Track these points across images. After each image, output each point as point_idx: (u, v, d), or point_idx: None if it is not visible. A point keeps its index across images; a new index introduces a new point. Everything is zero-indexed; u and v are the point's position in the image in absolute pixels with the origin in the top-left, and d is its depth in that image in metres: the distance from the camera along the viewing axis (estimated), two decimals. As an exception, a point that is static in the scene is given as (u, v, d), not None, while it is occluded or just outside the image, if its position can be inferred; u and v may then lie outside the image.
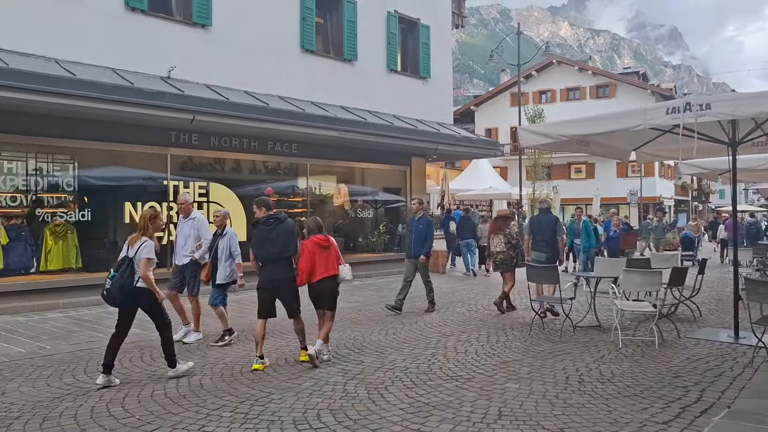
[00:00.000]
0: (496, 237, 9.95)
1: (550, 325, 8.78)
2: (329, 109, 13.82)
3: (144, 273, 5.69)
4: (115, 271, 5.72)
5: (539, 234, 9.70)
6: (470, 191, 31.48)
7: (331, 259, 6.60)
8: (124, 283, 5.63)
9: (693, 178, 54.18)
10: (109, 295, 5.69)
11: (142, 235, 5.87)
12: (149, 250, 5.78)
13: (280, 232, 6.47)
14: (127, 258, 5.76)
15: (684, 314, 9.59)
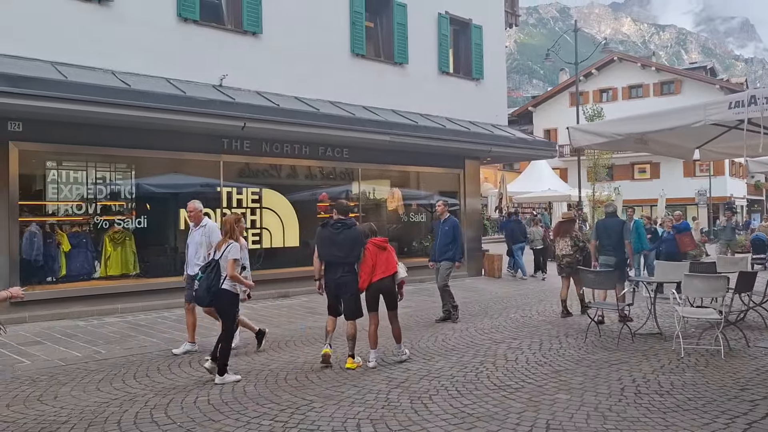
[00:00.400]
0: (562, 240, 9.85)
1: (607, 332, 8.40)
2: (380, 113, 13.75)
3: (231, 273, 6.08)
4: (202, 273, 6.14)
5: (606, 238, 9.48)
6: (528, 193, 30.91)
7: (390, 259, 6.85)
8: (210, 284, 6.01)
9: (767, 176, 51.49)
10: (198, 295, 6.17)
11: (229, 239, 6.25)
12: (235, 251, 6.17)
13: (347, 237, 6.70)
14: (214, 260, 6.16)
15: (754, 322, 9.02)
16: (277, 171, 13.13)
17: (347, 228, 6.77)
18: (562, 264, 9.84)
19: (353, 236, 6.75)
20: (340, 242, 6.68)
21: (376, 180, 15.24)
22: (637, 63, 46.59)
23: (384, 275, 6.77)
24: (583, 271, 7.91)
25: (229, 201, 12.11)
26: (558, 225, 10.25)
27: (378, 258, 6.78)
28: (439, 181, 16.58)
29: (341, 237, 6.69)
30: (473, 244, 16.51)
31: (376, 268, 6.76)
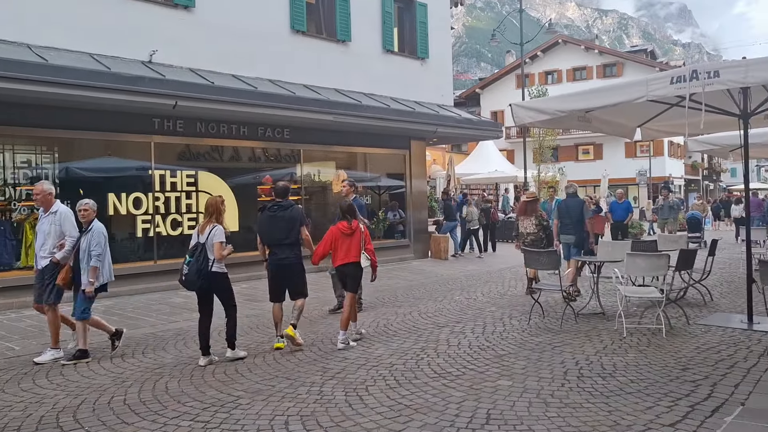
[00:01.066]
0: (527, 219, 9.98)
1: (551, 313, 8.28)
2: (322, 92, 13.30)
3: (219, 255, 6.04)
4: (190, 257, 6.04)
5: (567, 217, 9.92)
6: (475, 175, 30.95)
7: (353, 246, 6.79)
8: (200, 268, 5.96)
9: (703, 157, 53.26)
10: (187, 279, 6.01)
11: (213, 221, 6.19)
12: (221, 233, 6.11)
13: (284, 219, 6.73)
14: (199, 244, 6.07)
15: (694, 299, 9.07)
16: (214, 153, 12.54)
17: (284, 209, 6.78)
18: (527, 242, 9.88)
19: (290, 217, 6.75)
20: (278, 224, 6.71)
21: (320, 162, 14.82)
22: (581, 46, 47.23)
23: (344, 261, 6.79)
24: (527, 251, 7.74)
25: (162, 185, 11.48)
26: (523, 204, 10.40)
27: (340, 243, 6.78)
28: (385, 162, 16.28)
29: (279, 219, 6.73)
30: (419, 226, 16.31)
31: (337, 252, 6.79)
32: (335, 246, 6.83)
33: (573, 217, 9.88)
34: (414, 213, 16.17)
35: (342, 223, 6.87)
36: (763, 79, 5.92)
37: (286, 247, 6.72)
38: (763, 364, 5.73)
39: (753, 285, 7.52)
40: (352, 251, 6.81)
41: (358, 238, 6.86)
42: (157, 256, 11.32)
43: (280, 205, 6.83)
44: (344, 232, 6.82)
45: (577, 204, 10.01)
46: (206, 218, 6.30)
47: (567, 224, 9.93)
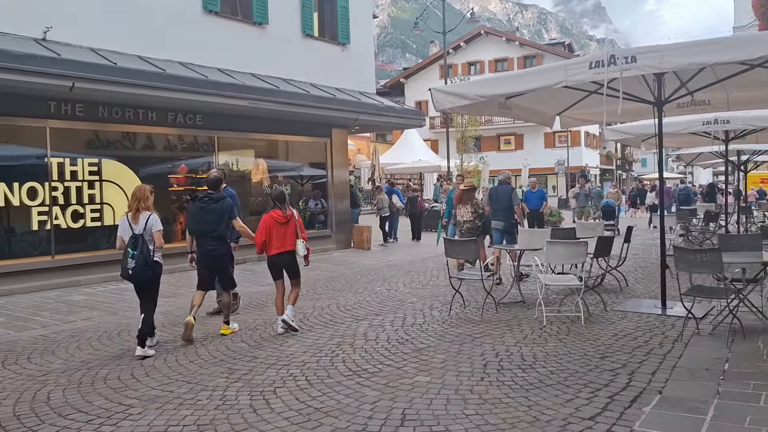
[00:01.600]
0: (464, 207, 10.12)
1: (472, 303, 8.13)
2: (237, 77, 12.66)
3: (160, 244, 6.06)
4: (133, 249, 5.93)
5: (497, 204, 10.20)
6: (399, 164, 30.89)
7: (288, 234, 6.73)
8: (147, 258, 5.93)
9: (617, 147, 55.47)
10: (135, 271, 5.93)
11: (144, 210, 6.09)
12: (158, 222, 6.10)
13: (213, 211, 6.69)
14: (137, 235, 5.97)
15: (611, 285, 9.17)
16: (119, 140, 11.69)
17: (214, 202, 6.74)
18: (463, 230, 10.06)
19: (221, 209, 6.72)
20: (208, 216, 6.69)
21: (239, 150, 14.19)
22: (503, 37, 48.07)
23: (280, 250, 6.72)
24: (447, 240, 7.54)
25: (60, 174, 10.58)
26: (460, 193, 10.53)
27: (275, 232, 6.71)
28: (306, 150, 15.81)
29: (209, 210, 6.69)
30: (342, 216, 15.96)
31: (272, 241, 6.72)
32: (270, 235, 6.71)
33: (502, 204, 10.08)
34: (336, 203, 15.80)
35: (276, 212, 6.75)
36: (678, 64, 5.90)
37: (214, 239, 6.70)
38: (678, 349, 5.74)
39: (666, 271, 7.63)
40: (288, 240, 6.74)
41: (293, 226, 6.78)
42: (55, 250, 10.44)
43: (210, 197, 6.76)
44: (278, 220, 6.72)
45: (506, 191, 10.19)
46: (134, 207, 6.12)
47: (497, 210, 10.17)
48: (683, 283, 7.13)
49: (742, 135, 12.98)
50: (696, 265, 5.99)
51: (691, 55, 5.80)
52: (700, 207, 17.23)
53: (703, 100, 9.26)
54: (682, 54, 5.80)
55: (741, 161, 16.25)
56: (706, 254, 5.86)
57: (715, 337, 6.11)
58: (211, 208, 6.69)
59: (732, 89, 8.65)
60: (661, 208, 7.96)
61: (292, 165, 15.68)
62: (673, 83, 7.96)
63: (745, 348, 5.70)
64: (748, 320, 6.39)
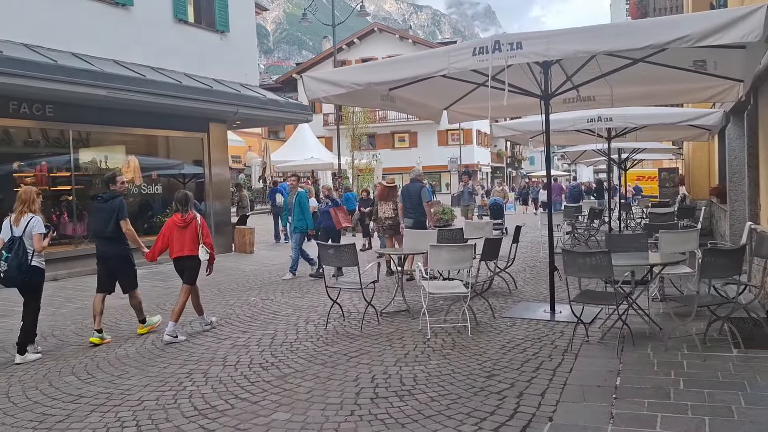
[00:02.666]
0: (386, 204, 10.60)
1: (354, 314, 7.40)
2: (95, 63, 11.25)
3: (39, 247, 5.83)
4: (7, 252, 5.75)
5: (408, 201, 10.15)
6: (291, 162, 29.82)
7: (188, 238, 6.57)
8: (21, 262, 5.73)
9: (507, 145, 57.15)
10: (7, 276, 5.74)
11: (28, 212, 5.89)
12: (39, 224, 5.89)
13: (103, 211, 6.59)
14: (15, 238, 5.78)
15: (499, 287, 8.77)
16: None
17: (104, 201, 6.64)
18: (385, 226, 10.58)
19: (109, 209, 6.57)
20: (99, 215, 6.64)
21: (105, 146, 12.75)
22: (396, 35, 47.93)
23: (180, 254, 6.58)
24: (321, 245, 6.76)
25: None
26: (383, 189, 11.00)
27: (175, 235, 6.58)
28: (183, 146, 14.54)
29: (101, 210, 6.63)
30: (221, 218, 14.80)
31: (173, 245, 6.58)
32: (171, 239, 6.59)
33: (413, 201, 10.05)
34: (215, 203, 14.62)
35: (176, 215, 6.66)
36: (564, 52, 5.45)
37: (106, 240, 6.59)
38: (568, 362, 5.29)
39: (555, 273, 7.27)
40: (187, 244, 6.55)
41: (193, 230, 6.58)
42: None
43: (102, 197, 6.71)
44: (177, 224, 6.58)
45: (416, 188, 10.16)
46: (19, 208, 5.93)
47: (407, 208, 10.14)
48: (572, 284, 6.76)
49: (623, 133, 13.16)
50: (586, 270, 5.57)
51: (577, 42, 5.37)
52: (585, 204, 17.52)
53: (589, 96, 9.04)
54: (568, 41, 5.35)
55: (621, 159, 16.66)
56: (596, 257, 5.44)
57: (604, 346, 5.73)
58: (102, 207, 6.59)
59: (615, 85, 8.48)
60: (549, 205, 7.59)
61: (171, 162, 14.36)
62: (560, 78, 7.65)
63: (635, 357, 5.33)
64: (636, 324, 6.08)
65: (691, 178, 17.81)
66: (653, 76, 8.02)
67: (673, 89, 8.74)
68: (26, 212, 5.89)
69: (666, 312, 6.85)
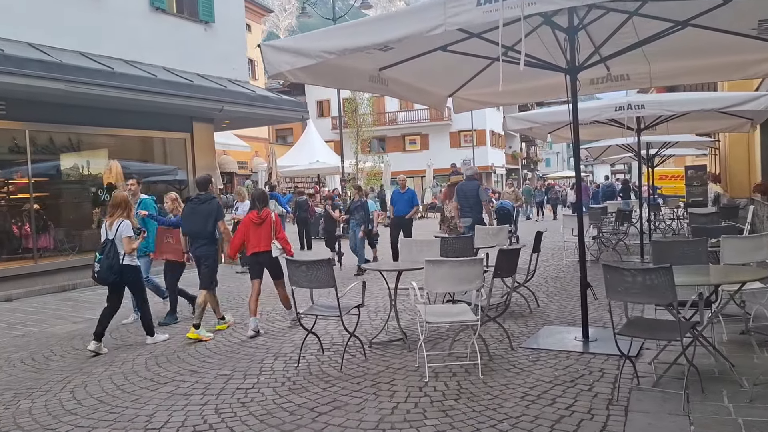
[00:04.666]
0: (451, 203, 10.60)
1: (337, 345, 5.95)
2: (53, 54, 9.95)
3: (128, 249, 6.17)
4: (100, 254, 6.16)
5: (465, 200, 10.01)
6: (295, 167, 28.54)
7: (264, 234, 6.70)
8: (112, 263, 6.10)
9: (522, 146, 55.47)
10: (100, 276, 6.17)
11: (119, 217, 6.23)
12: (128, 228, 6.24)
13: (201, 212, 6.84)
14: (108, 240, 6.18)
15: (517, 305, 7.29)
16: None
17: (201, 203, 6.90)
18: (451, 225, 10.53)
19: (207, 210, 6.86)
20: (196, 216, 6.86)
21: (90, 149, 11.70)
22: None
23: (257, 250, 6.70)
24: (291, 262, 5.30)
25: None
26: (447, 189, 11.10)
27: (251, 232, 6.71)
28: (160, 149, 13.22)
29: (197, 211, 6.86)
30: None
31: (250, 242, 6.72)
32: (247, 236, 6.73)
33: (470, 200, 9.92)
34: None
35: (252, 213, 6.80)
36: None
37: (203, 240, 6.84)
38: (616, 421, 3.81)
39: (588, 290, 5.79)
40: (263, 240, 6.70)
41: (268, 226, 6.73)
42: None
43: (199, 198, 6.96)
44: (254, 221, 6.72)
45: (474, 187, 10.05)
46: (112, 213, 6.30)
47: (464, 207, 9.99)
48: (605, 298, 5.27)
49: (653, 124, 11.64)
50: (637, 292, 4.06)
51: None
52: (610, 205, 15.91)
53: (622, 74, 7.54)
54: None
55: (649, 155, 15.07)
56: (651, 275, 3.94)
57: (663, 394, 4.22)
58: (199, 209, 6.84)
59: (654, 59, 7.00)
60: (579, 208, 6.08)
61: (150, 167, 13.05)
62: (588, 50, 6.19)
63: (709, 413, 3.83)
64: (698, 356, 4.55)
65: (729, 174, 16.14)
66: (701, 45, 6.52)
67: (725, 62, 7.16)
68: (118, 216, 6.22)
69: (733, 340, 5.33)
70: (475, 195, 9.97)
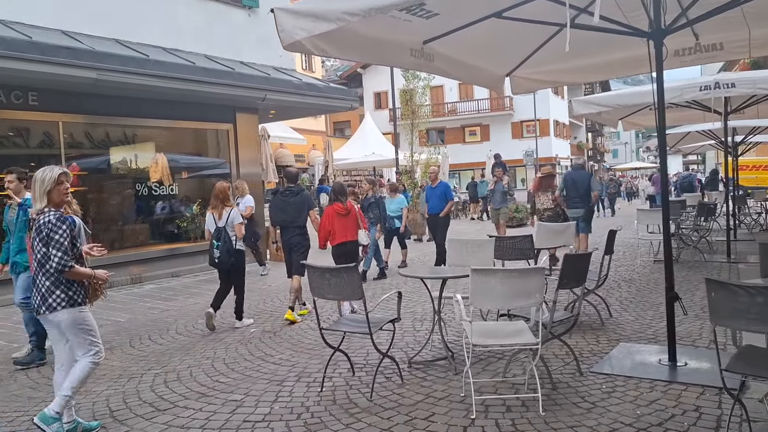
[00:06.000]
0: (543, 195, 10.23)
1: (372, 362, 5.09)
2: (86, 41, 9.46)
3: (241, 234, 6.82)
4: (217, 241, 6.72)
5: (574, 191, 9.74)
6: (349, 159, 27.89)
7: (349, 225, 7.12)
8: (229, 248, 6.70)
9: (588, 137, 53.20)
10: (221, 260, 6.73)
11: (225, 206, 6.80)
12: (238, 216, 6.86)
13: (294, 203, 7.12)
14: (219, 228, 6.74)
15: (585, 314, 6.25)
16: None
17: (294, 195, 7.16)
18: (544, 218, 10.01)
19: (300, 202, 7.12)
20: (288, 207, 7.11)
21: (131, 141, 11.38)
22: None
23: (343, 240, 7.05)
24: (311, 269, 4.44)
25: None
26: (539, 180, 10.57)
27: (336, 223, 7.04)
28: (202, 140, 12.69)
29: (289, 203, 7.11)
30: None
31: (336, 233, 7.06)
32: (332, 226, 7.05)
33: (580, 190, 9.67)
34: (245, 205, 12.66)
35: (337, 204, 7.12)
36: None
37: (296, 229, 7.10)
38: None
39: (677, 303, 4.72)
40: (349, 230, 7.10)
41: (354, 217, 7.16)
42: None
43: (291, 190, 7.21)
44: (339, 212, 7.08)
45: (584, 177, 9.86)
46: (215, 203, 6.80)
47: (574, 197, 9.72)
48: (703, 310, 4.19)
49: (743, 106, 10.26)
50: (755, 318, 3.01)
51: None
52: (689, 198, 14.41)
53: (714, 43, 6.35)
54: None
55: (735, 143, 13.51)
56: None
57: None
58: (291, 200, 7.11)
59: (757, 22, 5.81)
60: (664, 200, 4.98)
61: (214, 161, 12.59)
62: (673, 12, 5.09)
63: None
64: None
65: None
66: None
67: None
68: (226, 206, 6.76)
69: None
70: (586, 185, 9.72)
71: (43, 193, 3.69)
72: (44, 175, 3.71)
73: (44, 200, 3.70)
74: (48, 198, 3.70)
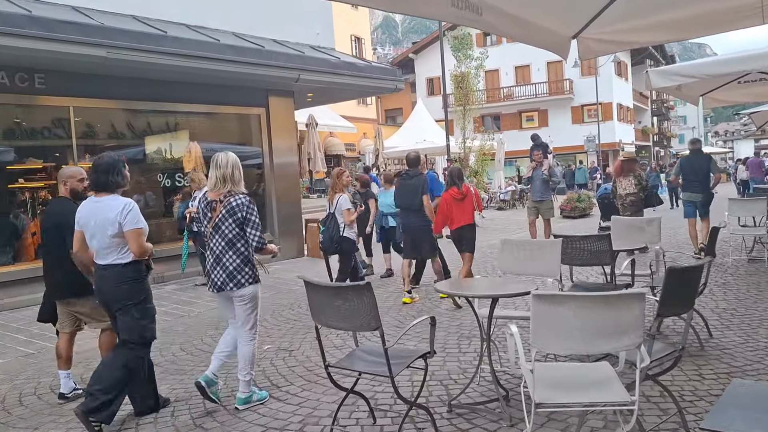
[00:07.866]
0: (626, 179, 9.64)
1: (390, 412, 3.90)
2: (99, 17, 8.57)
3: (348, 220, 6.92)
4: (323, 226, 7.02)
5: (692, 174, 9.24)
6: (398, 147, 26.76)
7: (466, 209, 7.11)
8: (332, 234, 6.87)
9: (653, 121, 50.28)
10: (324, 245, 7.02)
11: (335, 192, 7.06)
12: (346, 201, 6.99)
13: (408, 187, 7.28)
14: (329, 214, 7.01)
15: (675, 331, 4.89)
16: None
17: (409, 179, 7.34)
18: (626, 203, 9.50)
19: (414, 186, 7.24)
20: (407, 190, 7.29)
21: (152, 127, 10.47)
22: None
23: (461, 224, 7.07)
24: (310, 286, 3.26)
25: None
26: (620, 164, 10.02)
27: (454, 208, 7.05)
28: (230, 126, 11.72)
29: (407, 185, 7.31)
30: (289, 215, 11.78)
31: (453, 218, 7.06)
32: (448, 212, 7.05)
33: (699, 174, 9.15)
34: (279, 198, 11.61)
35: (453, 189, 7.07)
36: None
37: (412, 212, 7.22)
38: None
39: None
40: (466, 214, 7.08)
41: (470, 200, 7.13)
42: None
43: (407, 174, 7.43)
44: (455, 197, 7.04)
45: (704, 160, 9.28)
46: (331, 190, 7.23)
47: (692, 181, 9.24)
48: None
49: None
50: None
51: None
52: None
53: None
54: None
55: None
56: None
57: None
58: (408, 183, 7.24)
59: None
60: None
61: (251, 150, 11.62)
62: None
63: None
64: None
65: None
66: None
67: None
68: (338, 191, 6.93)
69: None
70: (706, 169, 9.16)
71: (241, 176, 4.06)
72: (236, 159, 4.09)
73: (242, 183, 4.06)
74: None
